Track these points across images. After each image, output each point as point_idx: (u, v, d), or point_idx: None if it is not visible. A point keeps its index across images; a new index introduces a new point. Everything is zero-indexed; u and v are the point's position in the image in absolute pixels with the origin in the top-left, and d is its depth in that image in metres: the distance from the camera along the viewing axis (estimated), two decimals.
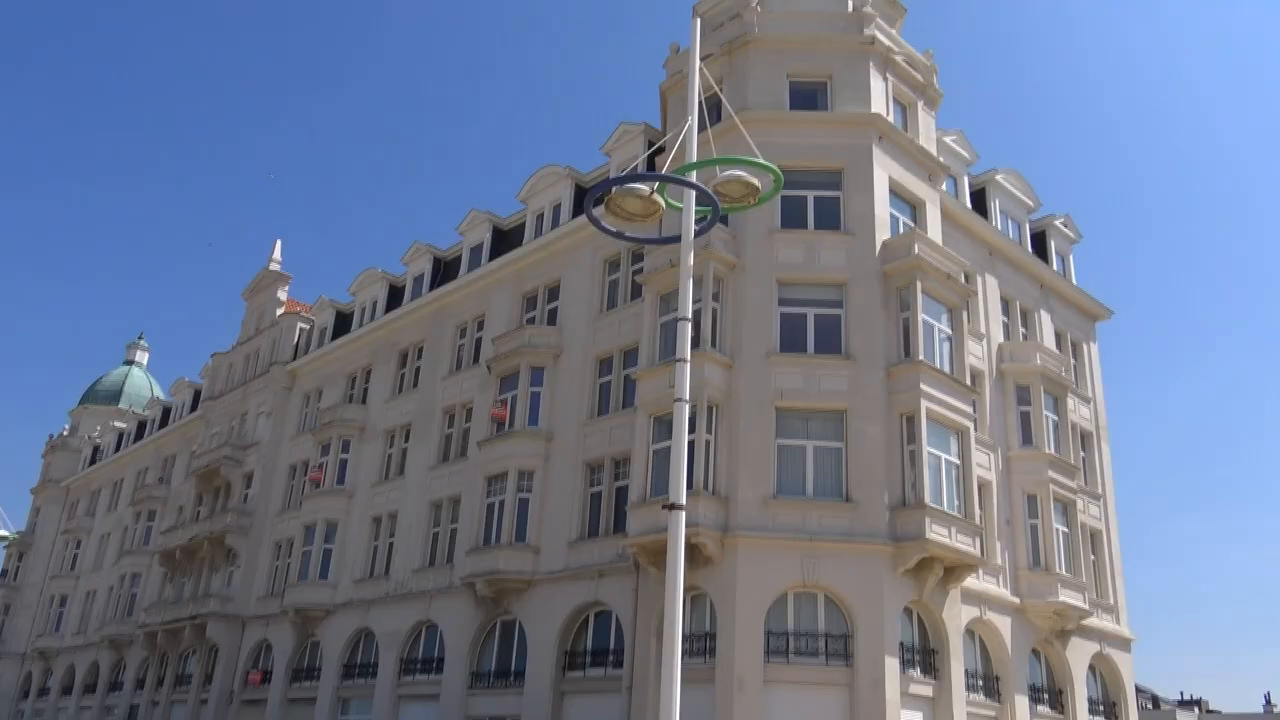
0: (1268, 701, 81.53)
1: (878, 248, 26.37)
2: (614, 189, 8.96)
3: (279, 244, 52.71)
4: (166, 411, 59.78)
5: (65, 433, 70.50)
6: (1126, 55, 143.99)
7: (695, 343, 24.58)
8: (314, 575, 38.13)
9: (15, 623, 64.80)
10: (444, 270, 40.06)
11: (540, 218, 35.59)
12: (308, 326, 47.36)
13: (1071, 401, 32.50)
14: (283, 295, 50.66)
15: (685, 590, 15.54)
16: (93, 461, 66.53)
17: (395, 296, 42.07)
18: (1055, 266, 35.47)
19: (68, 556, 62.58)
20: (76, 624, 58.75)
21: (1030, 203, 35.34)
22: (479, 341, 36.08)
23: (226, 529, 43.95)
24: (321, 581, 37.92)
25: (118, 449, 63.62)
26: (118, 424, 66.20)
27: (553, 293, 33.98)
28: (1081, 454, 33.07)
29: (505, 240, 37.33)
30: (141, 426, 62.44)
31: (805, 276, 26.25)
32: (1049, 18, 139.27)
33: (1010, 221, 34.30)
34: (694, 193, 9.25)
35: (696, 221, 9.61)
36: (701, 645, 23.90)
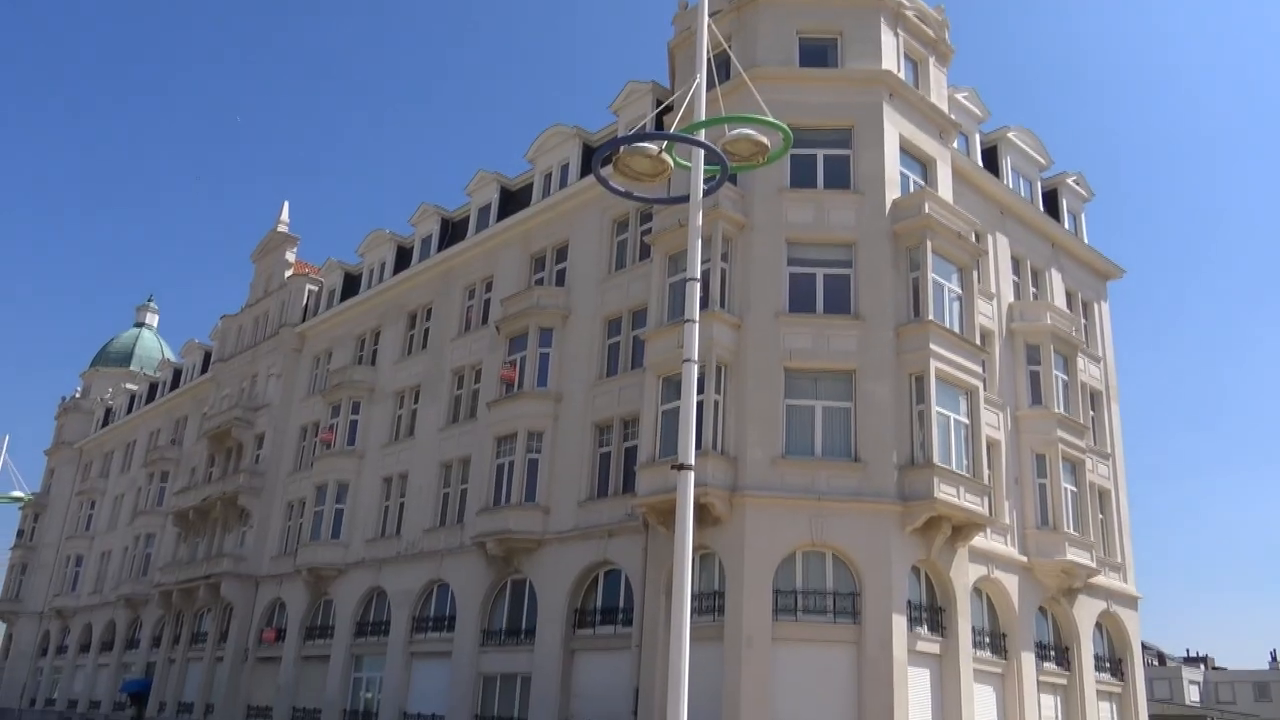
0: (1274, 658, 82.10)
1: (888, 207, 26.19)
2: (622, 148, 8.89)
3: (286, 206, 52.66)
4: (177, 373, 60.09)
5: (77, 395, 70.95)
6: (1142, 11, 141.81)
7: (704, 303, 24.53)
8: (326, 535, 38.49)
9: (32, 582, 65.68)
10: (452, 231, 39.97)
11: (548, 178, 35.41)
12: (316, 288, 47.40)
13: (1081, 361, 32.41)
14: (291, 257, 50.66)
15: (694, 549, 15.64)
16: (105, 423, 67.00)
17: (403, 258, 42.03)
18: (1067, 225, 35.22)
19: (82, 517, 63.26)
20: (92, 583, 59.52)
21: (1042, 161, 35.02)
22: (487, 303, 36.07)
23: (239, 489, 44.33)
24: (333, 541, 38.29)
25: (130, 411, 64.04)
26: (129, 386, 66.57)
27: (561, 253, 33.89)
28: (1091, 413, 33.03)
29: (513, 201, 37.18)
30: (153, 388, 62.78)
31: (814, 236, 26.11)
32: None
33: (1022, 180, 34.01)
34: (702, 152, 9.19)
35: (705, 181, 9.53)
36: (710, 603, 24.09)
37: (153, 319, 76.12)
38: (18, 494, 36.40)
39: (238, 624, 42.77)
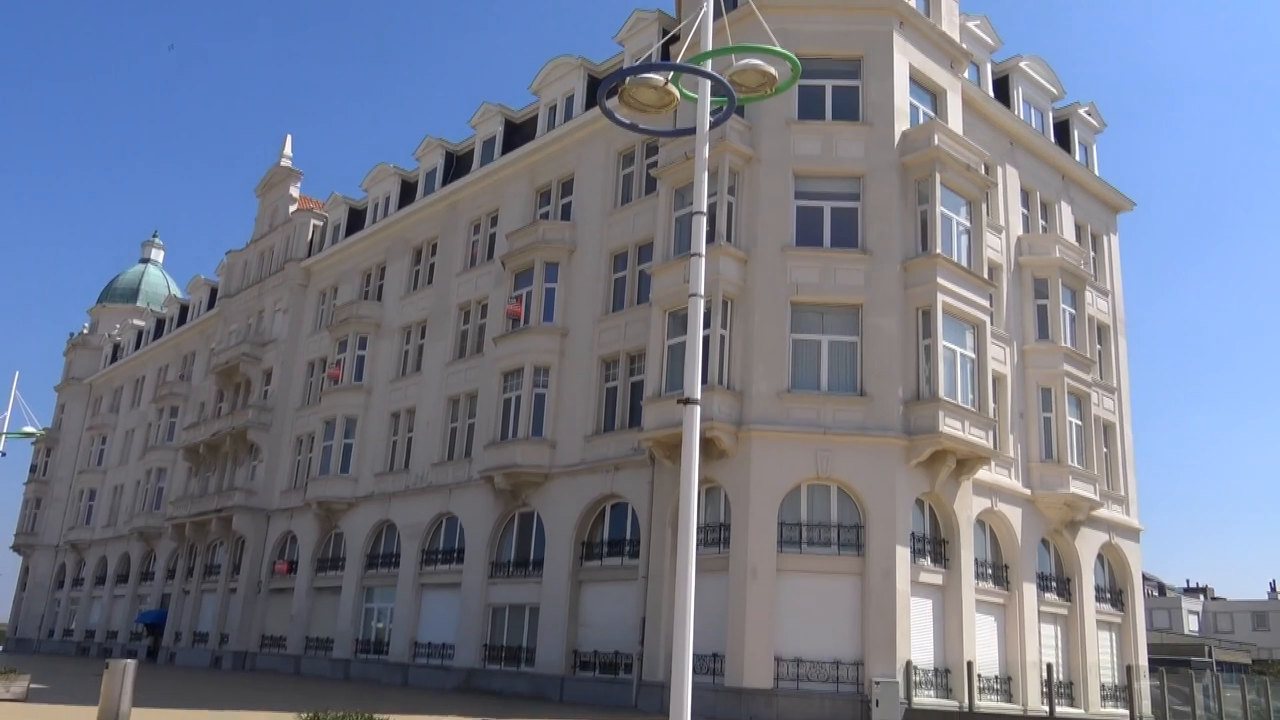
0: (1273, 589, 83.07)
1: (896, 139, 25.88)
2: (627, 80, 8.76)
3: (289, 139, 52.19)
4: (184, 309, 60.20)
5: (85, 331, 71.19)
6: None
7: (710, 237, 24.40)
8: (335, 469, 38.86)
9: (47, 516, 66.62)
10: (456, 165, 39.64)
11: (553, 110, 34.98)
12: (321, 223, 47.21)
13: (1089, 294, 32.26)
14: (295, 192, 50.38)
15: (700, 482, 15.77)
16: (114, 359, 67.33)
17: (408, 192, 41.76)
18: (1078, 157, 34.78)
19: (94, 452, 63.92)
20: (106, 517, 60.34)
21: (1054, 91, 34.46)
22: (493, 237, 35.91)
23: (248, 424, 44.68)
24: (342, 475, 38.67)
25: (138, 347, 64.31)
26: (136, 322, 66.76)
27: (566, 187, 33.64)
28: (1098, 347, 32.99)
29: (518, 133, 36.80)
30: (160, 324, 62.96)
31: (822, 169, 25.85)
32: None
33: (1033, 110, 33.51)
34: (709, 83, 9.05)
35: (712, 113, 9.40)
36: (716, 536, 24.37)
37: (158, 255, 76.03)
38: (29, 429, 36.64)
39: (250, 556, 43.43)
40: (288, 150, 51.94)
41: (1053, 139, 33.75)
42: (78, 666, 40.46)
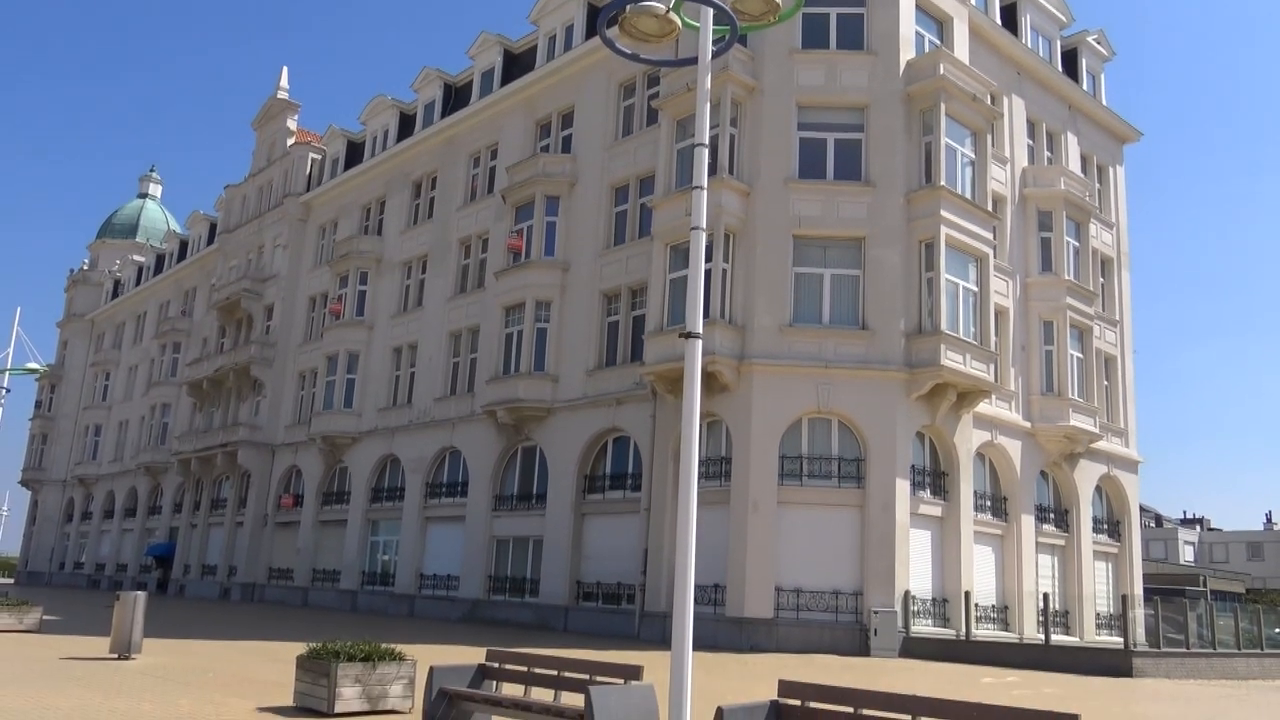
0: (1268, 519, 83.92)
1: (901, 68, 25.50)
2: (628, 8, 8.59)
3: (285, 71, 51.41)
4: (184, 245, 59.94)
5: (85, 267, 70.99)
6: None
7: (712, 169, 24.18)
8: (339, 404, 39.06)
9: (53, 451, 67.14)
10: (455, 97, 39.13)
11: (552, 40, 34.41)
12: (319, 157, 46.76)
13: (1094, 227, 32.04)
14: (292, 125, 49.80)
15: (701, 416, 15.85)
16: (114, 295, 67.25)
17: (406, 125, 41.28)
18: (1085, 86, 34.26)
19: (98, 388, 64.18)
20: (112, 452, 60.82)
21: (1063, 18, 33.82)
22: (493, 171, 35.59)
23: (250, 360, 44.79)
24: (346, 410, 38.87)
25: (138, 282, 64.17)
26: (136, 258, 66.53)
27: (566, 119, 33.23)
28: (1101, 280, 32.86)
29: (517, 65, 36.24)
30: (160, 260, 62.74)
31: (826, 99, 25.52)
32: None
33: (1041, 39, 32.92)
34: (711, 11, 8.87)
35: (714, 42, 9.24)
36: (717, 469, 24.55)
37: (156, 189, 75.49)
38: (33, 365, 36.77)
39: (256, 490, 43.85)
40: (284, 83, 51.24)
41: (1060, 68, 33.22)
42: (89, 599, 41.13)
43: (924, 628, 23.69)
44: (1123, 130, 35.23)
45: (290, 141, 48.74)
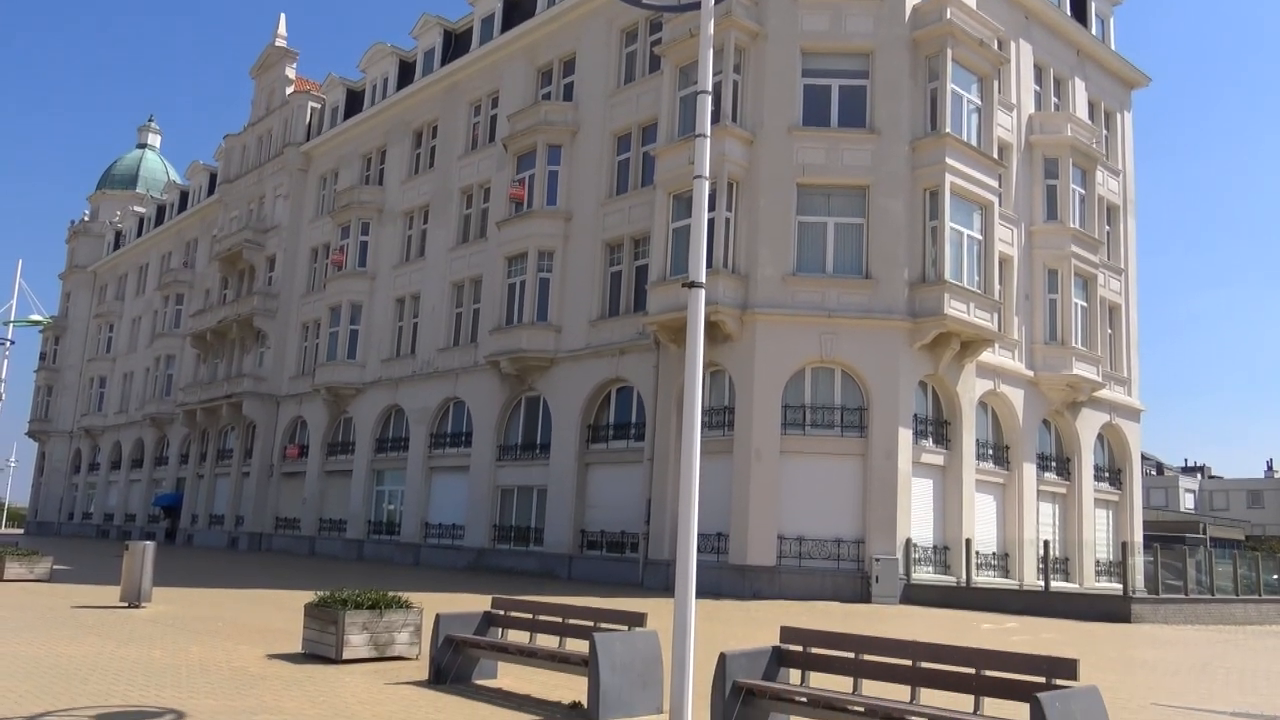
0: (1269, 468, 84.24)
1: (907, 13, 25.13)
2: None
3: (283, 18, 50.72)
4: (184, 195, 59.61)
5: (86, 218, 70.70)
6: None
7: (715, 117, 23.94)
8: (342, 355, 39.12)
9: (59, 403, 67.44)
10: (455, 44, 38.63)
11: None
12: (319, 106, 46.32)
13: (1100, 174, 31.76)
14: (291, 73, 49.26)
15: (705, 366, 15.88)
16: (116, 247, 67.07)
17: (406, 73, 40.81)
18: (1094, 31, 33.74)
19: (102, 340, 64.28)
20: (118, 403, 61.07)
21: None
22: (494, 119, 35.25)
23: (254, 311, 44.78)
24: (350, 361, 38.95)
25: (139, 234, 63.95)
26: (137, 209, 66.24)
27: (568, 67, 32.83)
28: (1106, 228, 32.64)
29: (518, 10, 35.70)
30: (161, 211, 62.46)
31: (830, 45, 25.18)
32: None
33: None
34: None
35: None
36: (720, 419, 24.63)
37: (155, 140, 74.93)
38: (36, 317, 36.74)
39: (261, 441, 44.09)
40: (282, 30, 50.60)
41: (1069, 11, 32.69)
42: (98, 548, 41.55)
43: (925, 575, 23.90)
44: (1131, 76, 34.77)
45: (289, 90, 48.27)
